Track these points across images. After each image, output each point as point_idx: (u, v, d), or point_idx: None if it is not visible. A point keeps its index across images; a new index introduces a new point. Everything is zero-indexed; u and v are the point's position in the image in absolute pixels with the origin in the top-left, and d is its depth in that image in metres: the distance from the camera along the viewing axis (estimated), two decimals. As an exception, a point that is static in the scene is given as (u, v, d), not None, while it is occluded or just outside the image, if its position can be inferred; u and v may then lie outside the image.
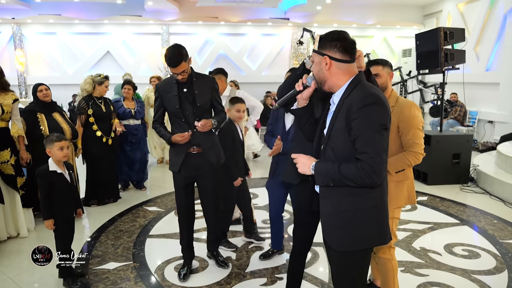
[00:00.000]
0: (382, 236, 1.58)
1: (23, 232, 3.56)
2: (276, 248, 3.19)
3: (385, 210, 1.59)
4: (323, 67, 1.57)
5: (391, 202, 2.15)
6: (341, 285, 1.68)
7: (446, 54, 5.18)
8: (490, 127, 8.54)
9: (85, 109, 4.32)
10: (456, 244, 3.42)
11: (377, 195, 1.54)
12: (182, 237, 2.95)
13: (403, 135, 2.20)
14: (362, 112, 1.45)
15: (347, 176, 1.47)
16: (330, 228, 1.61)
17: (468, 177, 5.46)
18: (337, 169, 1.49)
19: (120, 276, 2.87)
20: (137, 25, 10.86)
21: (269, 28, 11.30)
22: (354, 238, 1.55)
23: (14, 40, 10.45)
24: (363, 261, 1.63)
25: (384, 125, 1.47)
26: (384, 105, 1.49)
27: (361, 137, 1.45)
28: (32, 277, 2.90)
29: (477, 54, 8.99)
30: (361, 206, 1.53)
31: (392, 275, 2.25)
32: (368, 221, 1.54)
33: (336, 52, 1.54)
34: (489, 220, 4.04)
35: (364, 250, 1.59)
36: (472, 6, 9.24)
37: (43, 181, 2.62)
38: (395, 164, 2.18)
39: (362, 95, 1.49)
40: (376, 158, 1.44)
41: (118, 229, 3.79)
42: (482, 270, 2.95)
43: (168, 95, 2.69)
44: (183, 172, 2.75)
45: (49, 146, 2.66)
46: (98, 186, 4.47)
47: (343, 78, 1.57)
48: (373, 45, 11.57)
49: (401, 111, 2.20)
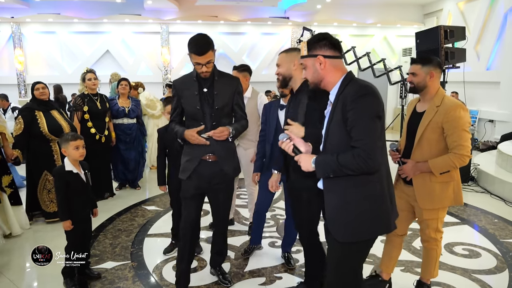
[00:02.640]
0: (386, 225, 1.64)
1: (16, 230, 3.52)
2: (255, 243, 3.22)
3: (386, 198, 1.63)
4: (318, 67, 1.65)
5: (435, 202, 2.25)
6: (340, 276, 1.70)
7: (447, 52, 5.14)
8: (491, 126, 8.52)
9: (80, 105, 4.34)
10: (456, 244, 3.40)
11: (377, 185, 1.59)
12: (181, 257, 2.52)
13: (448, 136, 2.18)
14: (356, 102, 1.52)
15: (344, 165, 1.51)
16: (334, 220, 1.66)
17: (468, 176, 5.43)
18: (335, 159, 1.54)
19: (118, 276, 2.85)
20: (136, 24, 10.83)
21: (269, 27, 11.27)
22: (358, 228, 1.60)
23: (13, 39, 10.41)
24: (365, 251, 1.70)
25: (378, 114, 1.53)
26: (377, 96, 1.56)
27: (356, 126, 1.51)
28: (26, 275, 2.88)
29: (477, 53, 8.97)
30: (362, 196, 1.59)
31: (435, 261, 2.45)
32: (370, 210, 1.59)
33: (327, 50, 1.64)
34: (489, 219, 4.02)
35: (367, 240, 1.65)
36: (472, 4, 9.21)
37: (59, 182, 2.57)
38: (440, 165, 2.18)
39: (356, 87, 1.56)
40: (370, 144, 1.49)
41: (117, 228, 3.76)
42: (483, 269, 2.93)
43: (187, 93, 2.36)
44: (194, 180, 2.42)
45: (65, 145, 2.60)
46: (94, 182, 4.45)
47: (337, 74, 1.65)
48: (373, 44, 11.54)
49: (446, 112, 2.17)
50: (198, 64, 2.23)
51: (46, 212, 3.82)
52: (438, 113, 2.18)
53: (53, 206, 3.80)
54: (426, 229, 2.36)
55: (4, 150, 3.51)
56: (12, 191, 3.55)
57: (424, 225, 2.37)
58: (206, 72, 2.27)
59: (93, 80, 4.42)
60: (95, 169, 4.43)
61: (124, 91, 4.88)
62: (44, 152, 3.74)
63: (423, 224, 2.37)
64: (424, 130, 2.23)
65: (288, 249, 3.08)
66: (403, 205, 2.40)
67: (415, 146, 2.28)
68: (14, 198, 3.56)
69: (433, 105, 2.23)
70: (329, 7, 10.65)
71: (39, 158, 3.74)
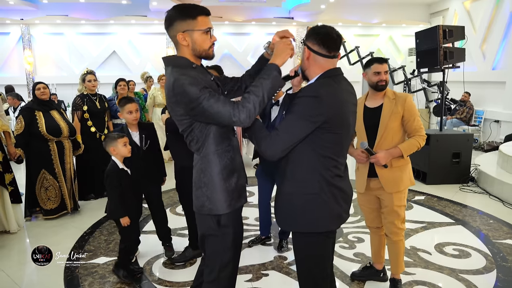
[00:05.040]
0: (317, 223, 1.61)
1: (13, 228, 3.63)
2: (263, 234, 3.35)
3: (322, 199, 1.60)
4: (304, 56, 1.65)
5: (399, 184, 2.41)
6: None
7: (445, 52, 5.12)
8: (496, 127, 8.40)
9: (80, 105, 4.45)
10: (447, 244, 3.39)
11: (316, 184, 1.58)
12: None
13: (410, 122, 2.40)
14: (298, 99, 1.54)
15: (257, 136, 1.58)
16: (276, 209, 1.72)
17: (468, 177, 5.39)
18: (260, 126, 1.59)
19: (109, 270, 2.92)
20: (142, 25, 10.98)
21: (273, 27, 11.30)
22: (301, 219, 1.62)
23: (22, 41, 10.67)
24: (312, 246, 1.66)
25: (310, 117, 1.50)
26: (321, 100, 1.50)
27: (285, 119, 1.55)
28: (24, 271, 2.98)
29: (483, 53, 8.86)
30: (297, 191, 1.61)
31: (403, 254, 2.59)
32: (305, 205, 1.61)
33: (315, 44, 1.60)
34: (484, 220, 3.99)
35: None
36: (478, 4, 9.10)
37: (114, 180, 2.62)
38: (409, 148, 2.38)
39: (307, 87, 1.56)
40: (280, 136, 1.52)
41: (113, 225, 3.84)
42: (471, 269, 2.92)
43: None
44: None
45: (113, 144, 2.64)
46: (94, 180, 4.58)
47: (316, 71, 1.63)
48: (379, 44, 11.49)
49: (404, 101, 2.39)
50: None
51: (44, 209, 3.93)
52: (396, 104, 2.39)
53: (50, 204, 3.92)
54: (395, 220, 2.46)
55: (7, 148, 3.62)
56: (12, 189, 3.66)
57: (392, 217, 2.46)
58: None
59: (92, 81, 4.53)
60: (94, 167, 4.57)
61: (123, 92, 4.98)
62: (43, 151, 3.85)
63: (392, 215, 2.46)
64: (388, 121, 2.39)
65: (285, 237, 3.22)
66: (373, 203, 2.58)
67: (380, 138, 2.41)
68: (14, 196, 3.67)
69: (389, 98, 2.42)
70: (334, 7, 10.62)
71: (37, 157, 3.85)
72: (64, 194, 3.99)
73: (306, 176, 1.57)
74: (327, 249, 1.66)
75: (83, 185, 4.56)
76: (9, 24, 10.54)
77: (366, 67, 2.47)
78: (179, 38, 1.59)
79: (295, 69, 1.75)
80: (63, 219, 4.00)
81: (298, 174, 1.59)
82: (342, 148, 1.62)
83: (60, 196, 3.97)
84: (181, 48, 1.63)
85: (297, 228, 1.63)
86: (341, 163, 1.63)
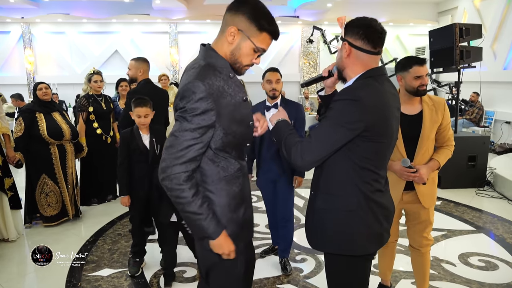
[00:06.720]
0: (351, 244, 1.42)
1: (12, 236, 3.44)
2: (274, 244, 3.19)
3: (359, 217, 1.40)
4: (343, 54, 1.43)
5: (435, 198, 2.23)
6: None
7: (462, 51, 4.92)
8: (508, 128, 8.20)
9: (86, 106, 4.27)
10: (471, 254, 3.20)
11: (354, 199, 1.39)
12: None
13: (446, 130, 2.17)
14: (334, 103, 1.37)
15: (286, 144, 1.41)
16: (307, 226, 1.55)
17: (484, 181, 5.20)
18: (286, 133, 1.44)
19: (113, 284, 2.74)
20: (145, 24, 10.79)
21: (278, 26, 11.08)
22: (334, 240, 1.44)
23: (23, 39, 10.49)
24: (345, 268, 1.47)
25: (347, 124, 1.32)
26: (361, 105, 1.31)
27: (319, 125, 1.39)
28: (23, 284, 2.80)
29: (494, 52, 8.65)
30: (335, 206, 1.42)
31: (429, 266, 2.41)
32: (343, 224, 1.42)
33: (357, 39, 1.39)
34: (507, 228, 3.80)
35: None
36: (489, 2, 8.89)
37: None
38: (444, 160, 2.18)
39: (348, 89, 1.36)
40: (312, 144, 1.35)
41: (117, 233, 3.67)
42: (500, 283, 2.73)
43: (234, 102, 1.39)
44: None
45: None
46: (98, 184, 4.41)
47: (356, 70, 1.42)
48: (386, 43, 10.97)
49: (442, 108, 2.15)
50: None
51: (44, 216, 3.74)
52: (436, 111, 2.13)
53: (50, 210, 3.73)
54: (424, 232, 2.28)
55: (6, 152, 3.44)
56: (12, 194, 3.48)
57: (422, 226, 2.27)
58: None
59: (99, 82, 4.36)
60: (99, 171, 4.39)
61: (125, 92, 4.80)
62: (43, 155, 3.65)
63: (422, 225, 2.27)
64: (430, 132, 2.13)
65: (285, 255, 2.97)
66: (396, 215, 2.33)
67: (419, 149, 2.13)
68: (14, 202, 3.49)
69: (428, 104, 2.15)
70: (340, 6, 10.44)
71: (37, 161, 3.66)
72: (65, 200, 3.80)
73: (342, 191, 1.39)
74: (364, 274, 1.47)
75: (87, 189, 4.38)
76: (10, 22, 10.36)
77: (403, 69, 2.10)
78: (230, 30, 1.31)
79: (329, 68, 1.56)
80: (64, 226, 3.81)
81: (333, 188, 1.40)
82: (384, 159, 1.43)
83: (61, 202, 3.78)
84: (222, 41, 1.35)
85: (330, 249, 1.44)
86: (382, 176, 1.43)
